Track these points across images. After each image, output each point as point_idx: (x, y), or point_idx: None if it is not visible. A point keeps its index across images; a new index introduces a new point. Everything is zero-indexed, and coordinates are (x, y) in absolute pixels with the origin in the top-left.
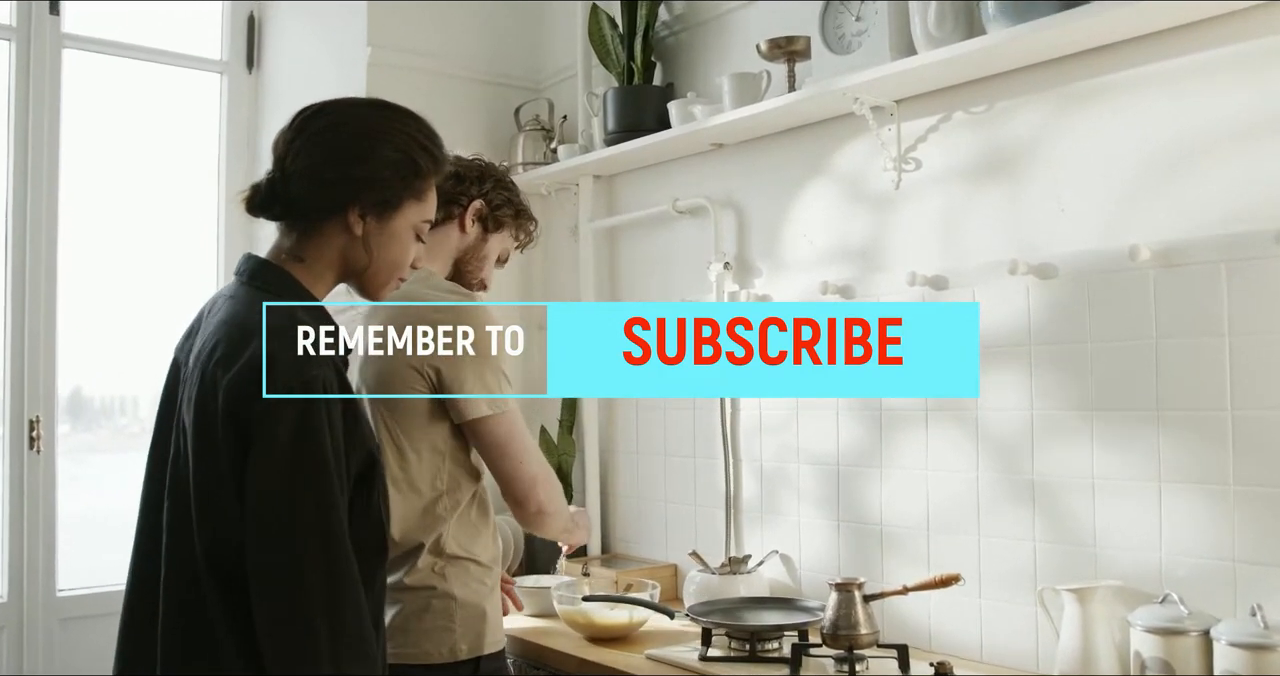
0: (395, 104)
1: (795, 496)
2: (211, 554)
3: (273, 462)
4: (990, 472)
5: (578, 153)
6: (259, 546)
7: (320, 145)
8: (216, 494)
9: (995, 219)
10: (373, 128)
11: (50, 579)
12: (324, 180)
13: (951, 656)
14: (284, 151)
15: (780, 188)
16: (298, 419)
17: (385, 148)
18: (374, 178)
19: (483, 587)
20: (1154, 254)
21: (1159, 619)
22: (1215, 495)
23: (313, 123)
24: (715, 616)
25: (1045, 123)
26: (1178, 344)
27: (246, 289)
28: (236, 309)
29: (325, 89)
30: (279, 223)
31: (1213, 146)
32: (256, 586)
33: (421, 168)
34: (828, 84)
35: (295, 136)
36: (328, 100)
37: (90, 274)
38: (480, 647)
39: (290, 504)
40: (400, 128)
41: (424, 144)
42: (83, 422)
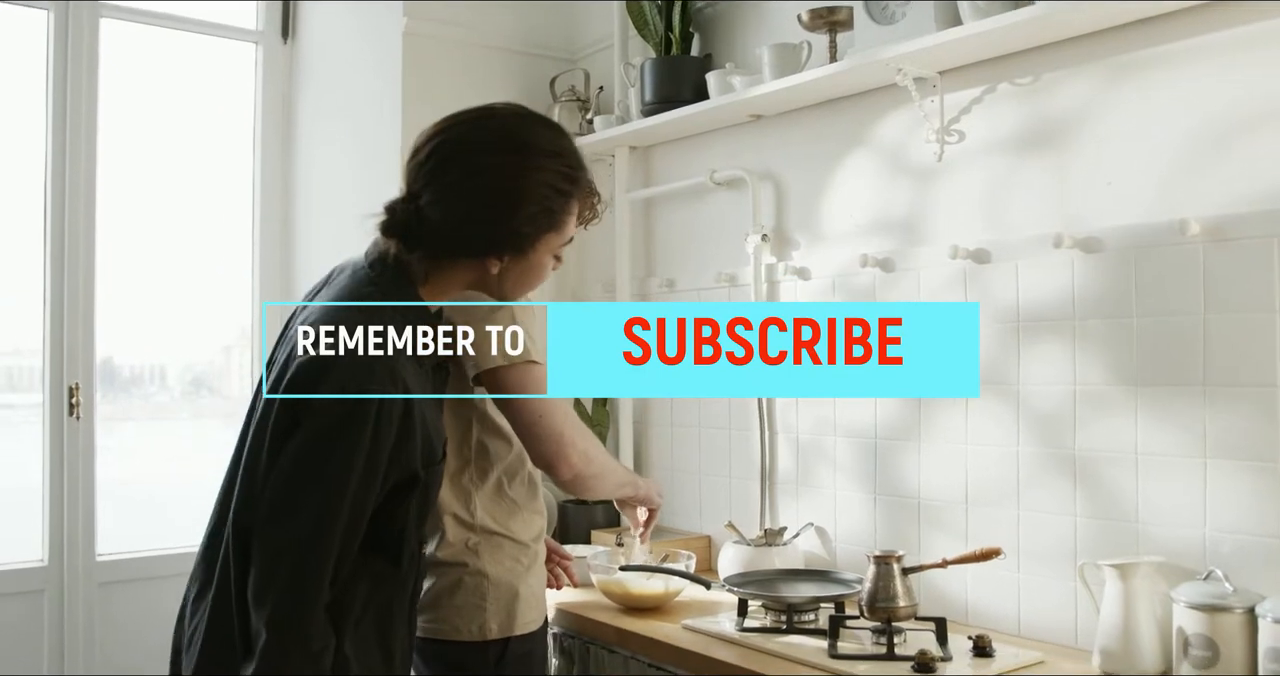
0: (533, 132)
1: (832, 469)
2: (237, 519)
3: (300, 453)
4: (1031, 446)
5: (614, 124)
6: (262, 521)
7: (459, 199)
8: (254, 467)
9: (1040, 192)
10: (513, 182)
11: (90, 543)
12: (464, 235)
13: (990, 630)
14: (416, 184)
15: (819, 159)
16: (341, 418)
17: (527, 205)
18: (516, 233)
19: (518, 566)
20: (1203, 228)
21: (1203, 595)
22: (1262, 472)
23: (447, 169)
24: (752, 587)
25: (1093, 95)
26: (1226, 319)
27: (366, 278)
28: (343, 294)
29: (360, 60)
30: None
31: (1264, 120)
32: (252, 555)
33: (563, 213)
34: (871, 55)
35: (430, 181)
36: (454, 127)
37: (126, 243)
38: (511, 628)
39: (295, 498)
40: (540, 178)
41: (565, 188)
42: (112, 392)
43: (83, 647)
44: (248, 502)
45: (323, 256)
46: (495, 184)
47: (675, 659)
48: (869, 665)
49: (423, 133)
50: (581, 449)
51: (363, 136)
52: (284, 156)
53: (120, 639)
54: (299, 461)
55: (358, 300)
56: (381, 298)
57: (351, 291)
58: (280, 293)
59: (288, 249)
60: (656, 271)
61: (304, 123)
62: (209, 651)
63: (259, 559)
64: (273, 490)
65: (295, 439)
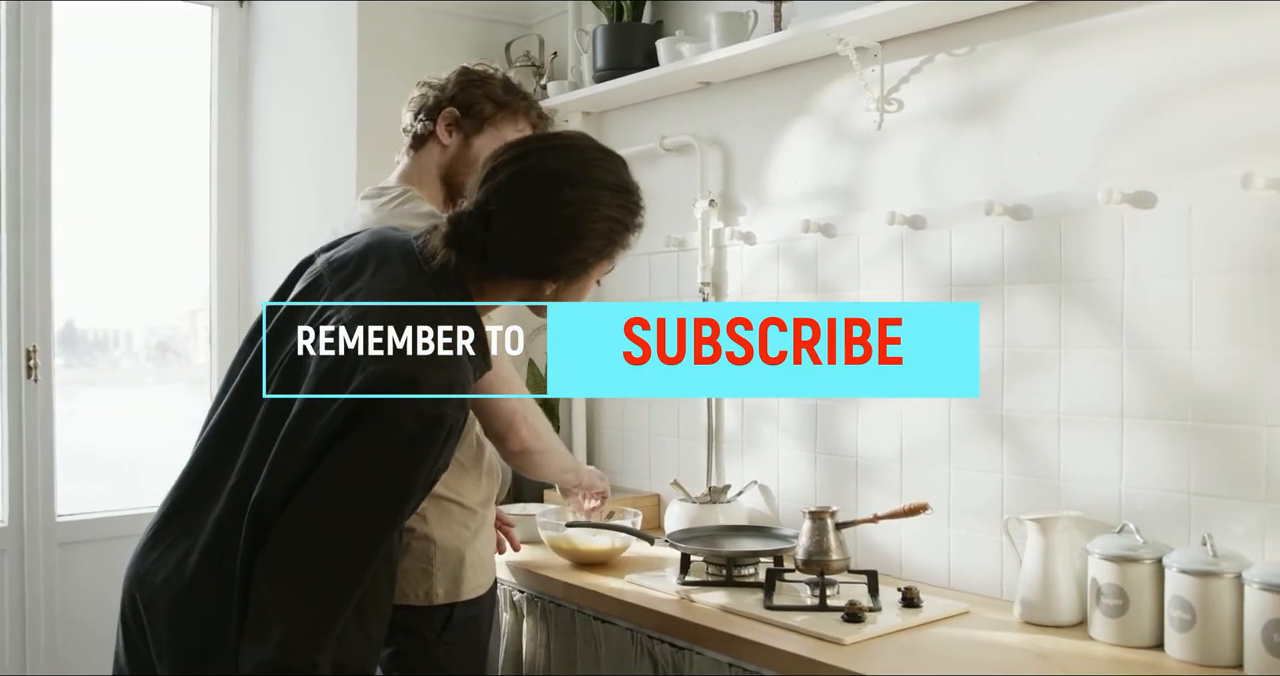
0: (607, 168)
1: (775, 429)
2: (262, 502)
3: (365, 460)
4: (962, 407)
5: (567, 89)
6: (302, 515)
7: (532, 226)
8: (294, 452)
9: (974, 160)
10: (586, 215)
11: (50, 504)
12: (529, 259)
13: (921, 582)
14: (490, 204)
15: (766, 126)
16: (415, 439)
17: (593, 238)
18: (577, 262)
19: (465, 531)
20: (1124, 196)
21: (1115, 547)
22: (1173, 431)
23: (524, 195)
24: (694, 543)
25: (1025, 66)
26: (1143, 284)
27: (423, 281)
28: (403, 297)
29: (317, 24)
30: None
31: (1184, 91)
32: (274, 545)
33: (621, 247)
34: (812, 24)
35: (505, 204)
36: (535, 154)
37: (85, 209)
38: (458, 593)
39: (353, 504)
40: (608, 213)
41: (627, 223)
42: (76, 356)
43: (44, 606)
44: (277, 490)
45: (280, 218)
46: (569, 215)
47: (619, 611)
48: (802, 616)
49: (498, 151)
50: (532, 423)
51: (320, 101)
52: (241, 120)
53: (81, 598)
54: (369, 467)
55: (439, 311)
56: (447, 310)
57: (411, 296)
58: (237, 257)
59: (245, 213)
60: None
61: (261, 87)
62: (185, 620)
63: (297, 552)
64: (325, 488)
65: (360, 443)
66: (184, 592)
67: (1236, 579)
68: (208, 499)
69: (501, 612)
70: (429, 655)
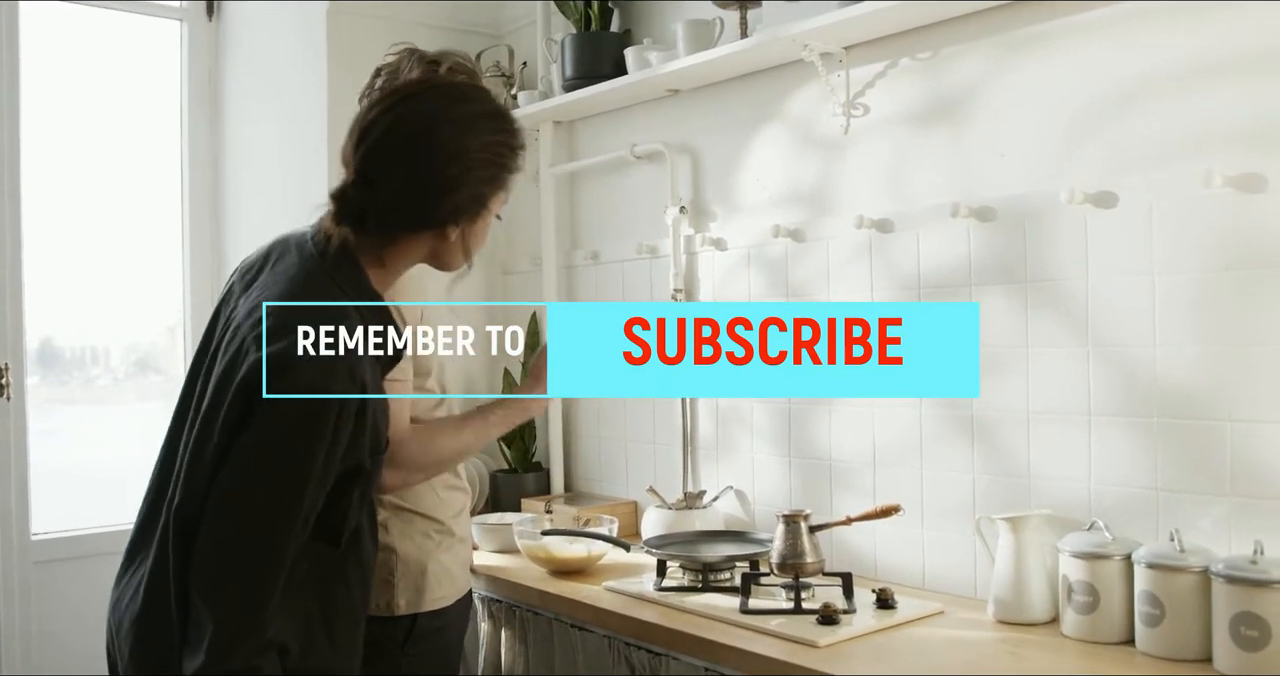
0: (465, 99)
1: (749, 434)
2: (181, 509)
3: (258, 449)
4: (933, 408)
5: (537, 99)
6: (214, 513)
7: (416, 173)
8: (199, 457)
9: (939, 163)
10: (463, 147)
11: (24, 523)
12: (425, 206)
13: (896, 583)
14: (366, 165)
15: (734, 133)
16: (301, 418)
17: (481, 167)
18: (472, 197)
19: (428, 542)
20: (1086, 196)
21: (1085, 544)
22: (1139, 428)
23: (397, 146)
24: (670, 549)
25: (987, 69)
26: (1106, 282)
27: (318, 268)
28: (295, 286)
29: (286, 36)
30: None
31: (1145, 91)
32: (197, 551)
33: (510, 170)
34: (777, 30)
35: (381, 160)
36: (394, 107)
37: (57, 225)
38: (419, 604)
39: (252, 493)
40: (486, 139)
41: (511, 144)
42: (53, 375)
43: (19, 624)
44: (193, 494)
45: (253, 232)
46: (452, 152)
47: (596, 619)
48: (777, 619)
49: (359, 116)
50: (411, 453)
51: (290, 113)
52: (211, 133)
53: (56, 616)
54: (256, 458)
55: (312, 293)
56: (337, 290)
57: (303, 283)
58: (211, 271)
59: (218, 226)
60: (581, 244)
61: (231, 100)
62: (144, 639)
63: (210, 551)
64: (227, 483)
65: (250, 434)
66: (140, 616)
67: (1204, 573)
68: (158, 519)
69: (480, 622)
70: (391, 666)
